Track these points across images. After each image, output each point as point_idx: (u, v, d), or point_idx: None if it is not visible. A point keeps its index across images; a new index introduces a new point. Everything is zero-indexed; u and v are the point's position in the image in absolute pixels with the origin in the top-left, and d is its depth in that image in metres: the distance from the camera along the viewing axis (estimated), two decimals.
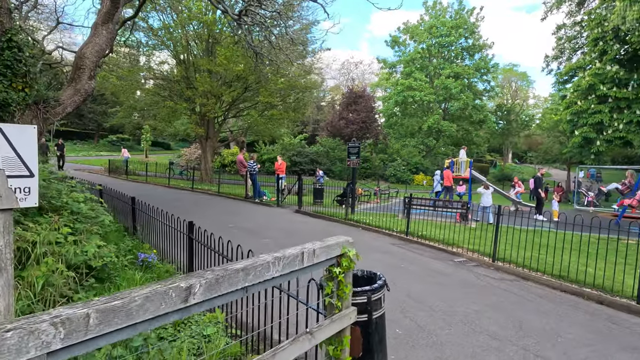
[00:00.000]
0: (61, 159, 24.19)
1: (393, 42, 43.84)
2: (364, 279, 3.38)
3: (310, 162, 35.31)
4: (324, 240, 2.62)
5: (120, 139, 45.64)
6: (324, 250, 2.47)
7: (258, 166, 16.60)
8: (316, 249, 2.39)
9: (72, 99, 9.28)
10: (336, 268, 2.59)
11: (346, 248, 2.61)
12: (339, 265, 2.60)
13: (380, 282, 3.11)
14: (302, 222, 11.87)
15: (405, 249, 9.00)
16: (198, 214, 12.09)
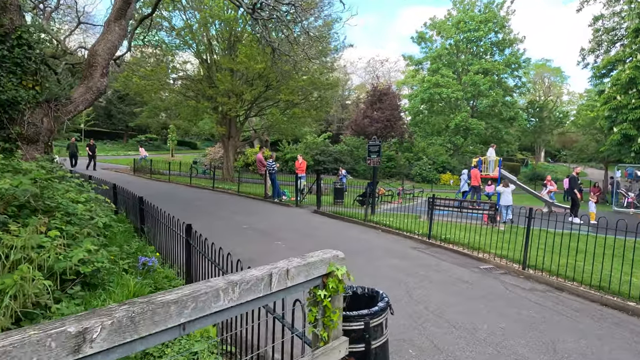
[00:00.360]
0: (92, 159, 24.47)
1: (419, 39, 42.72)
2: (365, 298, 2.84)
3: (334, 161, 34.78)
4: (305, 256, 2.11)
5: (148, 138, 46.39)
6: (303, 270, 1.96)
7: (277, 165, 16.22)
8: (291, 269, 1.89)
9: (84, 96, 9.12)
10: (321, 291, 2.08)
11: (334, 266, 2.10)
12: (325, 287, 2.08)
13: (382, 304, 2.57)
14: (319, 223, 11.37)
15: (426, 254, 8.36)
16: (215, 214, 11.80)
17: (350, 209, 13.18)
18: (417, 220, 11.69)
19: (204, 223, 10.49)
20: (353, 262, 7.31)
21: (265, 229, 9.88)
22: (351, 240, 9.18)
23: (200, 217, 11.37)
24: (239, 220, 10.92)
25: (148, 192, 16.53)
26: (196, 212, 12.18)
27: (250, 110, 23.29)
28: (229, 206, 13.69)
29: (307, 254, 2.16)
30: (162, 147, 44.27)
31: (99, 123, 43.94)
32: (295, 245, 8.37)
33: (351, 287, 2.91)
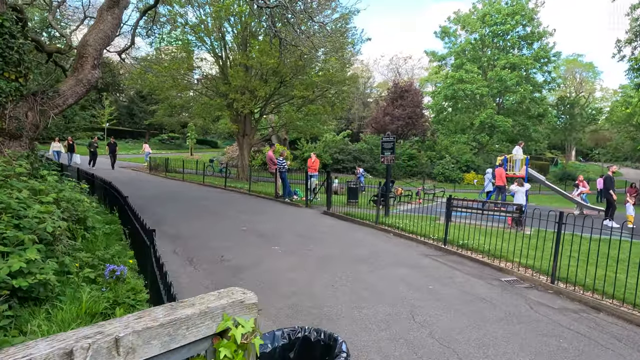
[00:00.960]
0: (113, 157, 24.14)
1: (443, 33, 41.16)
2: (321, 347, 1.99)
3: (353, 160, 33.83)
4: (177, 305, 1.26)
5: (170, 137, 46.57)
6: (159, 334, 1.12)
7: (288, 163, 15.46)
8: (128, 335, 1.05)
9: (74, 89, 8.55)
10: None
11: (230, 320, 1.26)
12: (214, 357, 1.24)
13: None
14: (327, 225, 10.51)
15: (440, 262, 7.39)
16: (219, 214, 11.12)
17: (364, 209, 12.27)
18: (434, 222, 10.69)
19: (205, 223, 9.82)
20: (355, 270, 6.43)
21: (265, 231, 9.11)
22: (357, 245, 8.29)
23: (203, 217, 10.72)
24: (243, 221, 10.19)
25: (157, 191, 16.13)
26: (200, 211, 11.54)
27: (265, 108, 22.62)
28: (236, 206, 13.00)
29: (185, 301, 1.31)
30: (183, 146, 44.32)
31: (121, 122, 44.35)
32: (294, 250, 7.56)
33: (303, 328, 2.06)
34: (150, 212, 11.34)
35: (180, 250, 7.42)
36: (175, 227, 9.34)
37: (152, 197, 14.21)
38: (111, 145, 24.39)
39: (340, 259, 7.14)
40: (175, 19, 20.16)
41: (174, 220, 10.18)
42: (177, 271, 6.24)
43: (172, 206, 12.39)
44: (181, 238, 8.37)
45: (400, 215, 11.28)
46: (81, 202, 6.80)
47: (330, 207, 12.74)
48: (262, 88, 19.08)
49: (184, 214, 11.04)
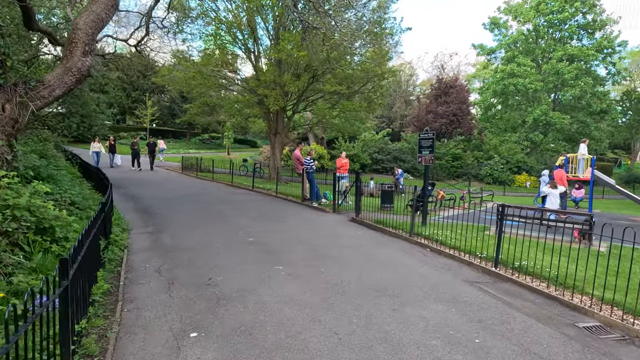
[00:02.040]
0: (152, 157, 23.38)
1: (492, 25, 38.03)
2: None
3: (393, 160, 31.83)
4: None
5: (211, 137, 46.56)
6: None
7: (316, 163, 13.95)
8: None
9: (62, 79, 7.46)
10: None
11: None
12: None
13: None
14: (351, 237, 8.85)
15: (491, 295, 5.55)
16: (231, 220, 9.79)
17: (399, 216, 10.50)
18: (483, 234, 8.77)
19: (209, 232, 8.51)
20: (373, 308, 4.77)
21: (274, 245, 7.61)
22: (383, 266, 6.60)
23: (210, 224, 9.43)
24: (253, 231, 8.78)
25: (179, 192, 15.15)
26: (212, 217, 10.28)
27: (298, 105, 21.24)
28: (255, 210, 11.65)
29: None
30: (222, 146, 44.06)
31: (165, 122, 44.81)
32: (301, 272, 6.00)
33: None
34: (159, 216, 10.24)
35: (165, 268, 6.09)
36: (176, 237, 8.08)
37: (171, 199, 13.20)
38: (150, 145, 23.64)
39: (357, 287, 5.50)
40: (207, 13, 19.26)
41: (179, 227, 8.95)
42: (147, 300, 4.89)
43: (185, 210, 11.24)
44: (175, 250, 7.06)
45: (440, 224, 9.40)
46: (45, 209, 5.64)
47: (359, 213, 11.07)
48: (292, 83, 17.68)
49: (192, 220, 9.81)
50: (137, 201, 12.57)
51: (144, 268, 6.12)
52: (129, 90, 45.95)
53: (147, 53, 49.50)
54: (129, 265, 6.28)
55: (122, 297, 4.97)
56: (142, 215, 10.31)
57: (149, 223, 9.40)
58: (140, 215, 10.39)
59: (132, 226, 9.01)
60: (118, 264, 6.22)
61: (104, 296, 4.97)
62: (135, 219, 9.81)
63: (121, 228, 8.29)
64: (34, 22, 10.23)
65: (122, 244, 7.16)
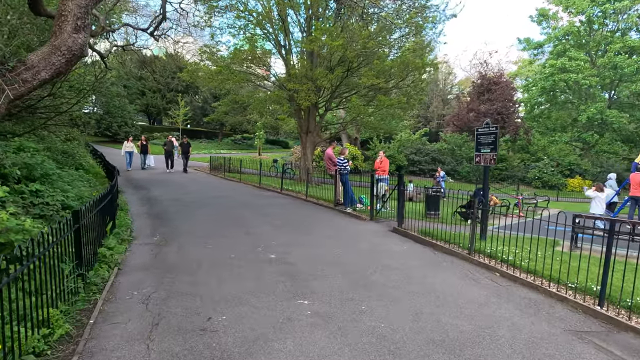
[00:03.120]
0: (185, 158, 21.92)
1: (540, 17, 34.99)
2: None
3: (431, 161, 29.64)
4: None
5: (243, 137, 45.73)
6: None
7: (350, 164, 12.26)
8: None
9: (49, 60, 6.12)
10: None
11: None
12: None
13: None
14: (395, 255, 7.07)
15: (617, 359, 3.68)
16: (251, 230, 8.26)
17: (448, 226, 8.67)
18: (554, 249, 6.83)
19: (223, 246, 6.99)
20: None
21: (300, 264, 5.98)
22: (446, 304, 4.81)
23: (227, 234, 7.93)
24: (276, 244, 7.20)
25: (201, 194, 13.80)
26: (230, 225, 8.79)
27: (330, 101, 19.60)
28: (281, 216, 10.08)
29: None
30: (254, 146, 43.11)
31: (197, 122, 44.36)
32: (332, 312, 4.32)
33: None
34: (172, 222, 8.86)
35: (156, 298, 4.59)
36: (183, 250, 6.62)
37: (190, 202, 11.86)
38: (184, 145, 21.93)
39: (415, 342, 3.77)
40: (235, 5, 17.99)
41: (190, 237, 7.50)
42: (114, 354, 3.37)
43: (202, 215, 9.83)
44: (177, 270, 5.57)
45: (499, 236, 7.43)
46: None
47: (402, 222, 9.27)
48: (325, 77, 16.05)
49: (208, 228, 8.35)
50: (153, 204, 11.31)
51: (130, 296, 4.64)
52: (164, 92, 45.89)
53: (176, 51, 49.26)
54: (113, 290, 4.83)
55: (81, 348, 3.48)
56: (152, 222, 8.96)
57: (157, 231, 8.01)
58: (151, 221, 9.06)
59: (137, 235, 7.64)
60: (99, 289, 4.78)
61: (57, 345, 3.50)
62: (144, 226, 8.46)
63: (121, 238, 6.91)
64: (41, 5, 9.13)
65: (114, 260, 5.74)
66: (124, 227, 7.72)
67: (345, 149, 12.36)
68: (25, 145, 10.26)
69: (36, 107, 13.69)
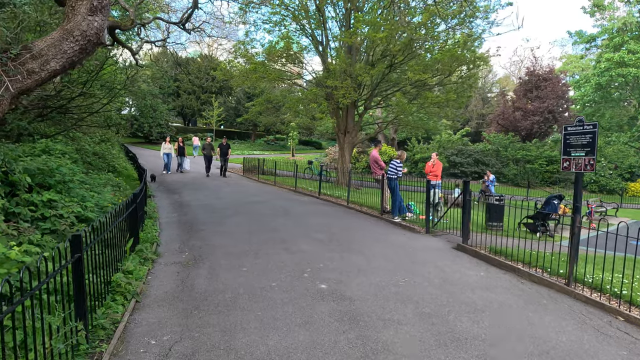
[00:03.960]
0: (224, 161, 19.90)
1: (594, 7, 32.16)
2: None
3: (474, 163, 27.61)
4: None
5: (275, 138, 44.95)
6: None
7: (404, 169, 10.82)
8: None
9: (60, 47, 5.03)
10: None
11: None
12: None
13: None
14: (473, 285, 5.58)
15: None
16: (288, 247, 7.02)
17: (513, 240, 7.10)
18: None
19: (263, 265, 5.80)
20: None
21: (360, 301, 4.65)
22: None
23: (267, 250, 6.73)
24: (324, 266, 5.93)
25: (234, 198, 12.68)
26: (269, 238, 7.60)
27: (371, 99, 18.18)
28: (324, 228, 8.80)
29: None
30: (287, 147, 42.22)
31: (231, 123, 43.92)
32: None
33: None
34: (202, 234, 7.77)
35: (178, 354, 3.40)
36: (215, 274, 5.45)
37: (223, 208, 10.80)
38: (223, 147, 19.86)
39: None
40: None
41: (222, 255, 6.34)
42: None
43: (236, 225, 8.69)
44: (208, 307, 4.38)
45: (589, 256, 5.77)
46: None
47: (467, 237, 7.79)
48: (366, 73, 14.67)
49: (243, 242, 7.18)
50: (183, 211, 10.32)
51: (145, 349, 3.48)
52: (198, 93, 45.83)
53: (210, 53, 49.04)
54: (125, 337, 3.69)
55: None
56: (182, 232, 7.91)
57: (186, 245, 6.92)
58: (180, 231, 8.00)
59: (163, 251, 6.57)
60: (107, 335, 3.65)
61: None
62: (172, 238, 7.40)
63: (143, 257, 5.83)
64: None
65: (132, 289, 4.61)
66: (148, 241, 6.66)
67: (403, 152, 10.94)
68: (51, 147, 9.49)
69: (68, 107, 13.09)
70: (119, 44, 10.97)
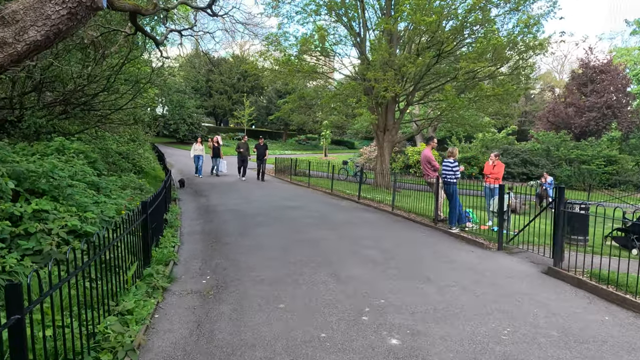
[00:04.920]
0: (261, 163, 17.27)
1: None
2: None
3: (522, 164, 25.28)
4: None
5: (307, 138, 43.69)
6: None
7: (461, 168, 9.16)
8: None
9: (42, 9, 3.80)
10: None
11: None
12: None
13: None
14: (603, 338, 3.89)
15: None
16: (341, 272, 5.51)
17: (609, 260, 5.30)
18: None
19: (306, 300, 4.31)
20: None
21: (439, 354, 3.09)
22: None
23: (308, 275, 5.26)
24: (386, 303, 4.39)
25: (266, 203, 11.18)
26: (308, 257, 6.13)
27: (413, 94, 16.43)
28: (375, 243, 7.24)
29: None
30: (318, 147, 40.84)
31: (261, 123, 43.04)
32: None
33: None
34: (227, 250, 6.40)
35: None
36: (240, 315, 4.02)
37: (252, 215, 9.45)
38: (260, 147, 17.29)
39: None
40: None
41: (251, 283, 4.91)
42: None
43: (267, 238, 7.28)
44: None
45: None
46: None
47: (561, 259, 6.03)
48: (411, 63, 12.97)
49: (277, 263, 5.74)
50: (209, 217, 9.04)
51: None
52: (230, 93, 45.23)
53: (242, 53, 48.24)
54: None
55: None
56: (205, 246, 6.57)
57: (209, 265, 5.56)
58: (203, 245, 6.67)
59: (181, 272, 5.22)
60: None
61: None
62: (192, 254, 6.06)
63: (152, 286, 4.48)
64: None
65: (127, 341, 3.22)
66: (163, 261, 5.33)
67: (454, 148, 9.24)
68: (67, 146, 8.42)
69: (91, 103, 12.14)
70: (141, 32, 9.81)
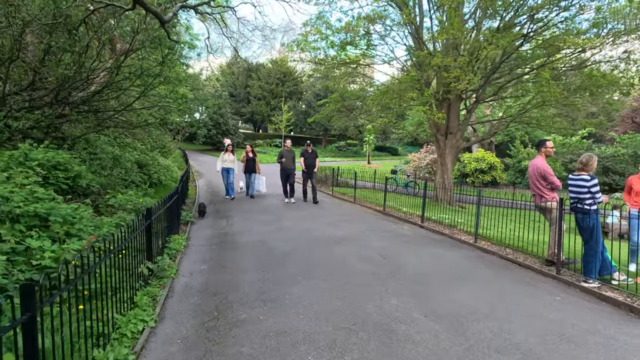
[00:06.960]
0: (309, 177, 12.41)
1: None
2: None
3: (602, 172, 20.93)
4: None
5: (347, 144, 40.67)
6: None
7: (603, 199, 5.78)
8: None
9: None
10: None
11: None
12: None
13: None
14: None
15: None
16: None
17: None
18: None
19: None
20: None
21: None
22: None
23: None
24: None
25: (302, 234, 7.31)
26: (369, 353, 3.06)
27: (484, 88, 12.97)
28: (486, 321, 4.08)
29: None
30: (360, 154, 37.68)
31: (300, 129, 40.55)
32: None
33: None
34: (235, 342, 3.40)
35: None
36: None
37: (284, 253, 6.52)
38: (307, 155, 12.29)
39: None
40: None
41: None
42: None
43: (303, 308, 4.28)
44: None
45: None
46: None
47: None
48: (491, 45, 9.63)
49: None
50: (222, 258, 6.20)
51: None
52: (269, 98, 43.23)
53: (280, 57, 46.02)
54: None
55: None
56: (197, 331, 3.68)
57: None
58: (195, 324, 3.79)
59: None
60: None
61: None
62: (179, 349, 3.16)
63: None
64: None
65: None
66: None
67: (590, 156, 5.85)
68: (32, 156, 5.91)
69: (91, 102, 9.80)
70: (140, 5, 7.28)
